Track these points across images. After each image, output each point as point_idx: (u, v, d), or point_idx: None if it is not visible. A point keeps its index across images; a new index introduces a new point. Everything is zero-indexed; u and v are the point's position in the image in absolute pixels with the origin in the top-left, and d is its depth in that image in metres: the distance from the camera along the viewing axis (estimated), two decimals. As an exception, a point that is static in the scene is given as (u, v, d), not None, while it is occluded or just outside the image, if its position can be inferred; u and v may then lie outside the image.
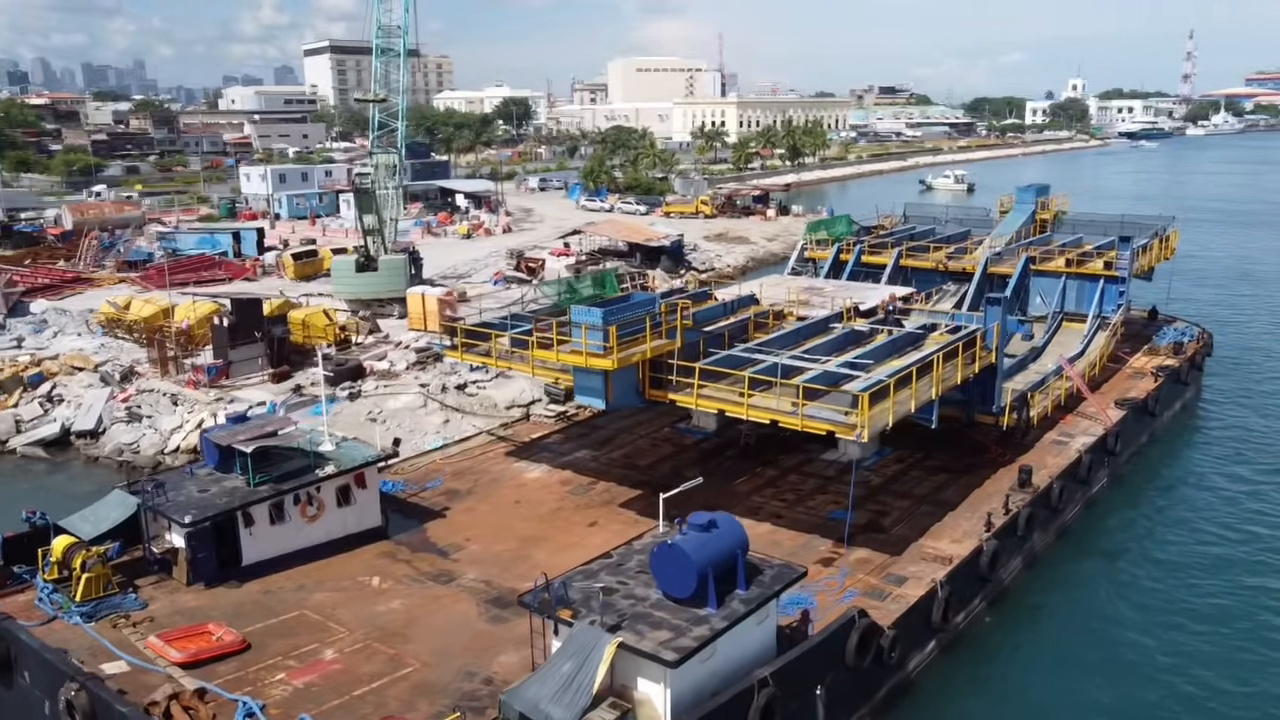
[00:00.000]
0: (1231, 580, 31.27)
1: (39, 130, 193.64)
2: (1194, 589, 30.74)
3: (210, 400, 42.09)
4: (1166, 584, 31.04)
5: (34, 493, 36.62)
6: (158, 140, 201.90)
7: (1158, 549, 33.55)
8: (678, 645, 18.66)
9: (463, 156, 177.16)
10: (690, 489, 23.25)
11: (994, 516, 29.40)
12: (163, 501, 25.70)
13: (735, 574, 20.41)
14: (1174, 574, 31.67)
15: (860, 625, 22.36)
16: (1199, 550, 33.31)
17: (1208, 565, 32.23)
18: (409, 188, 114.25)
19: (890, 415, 26.18)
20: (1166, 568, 32.12)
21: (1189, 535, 34.46)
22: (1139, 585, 31.00)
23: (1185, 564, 32.37)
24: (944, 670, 26.30)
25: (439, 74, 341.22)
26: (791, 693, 20.46)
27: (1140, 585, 30.99)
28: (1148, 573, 31.78)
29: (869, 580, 26.43)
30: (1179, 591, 30.57)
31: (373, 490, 29.05)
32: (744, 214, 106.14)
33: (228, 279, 67.08)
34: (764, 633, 21.15)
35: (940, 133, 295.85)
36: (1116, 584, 31.16)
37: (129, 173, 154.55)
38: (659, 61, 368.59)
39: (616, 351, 26.15)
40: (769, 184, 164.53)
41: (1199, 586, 30.89)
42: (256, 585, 25.85)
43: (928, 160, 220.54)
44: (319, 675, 21.68)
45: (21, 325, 53.07)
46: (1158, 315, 53.49)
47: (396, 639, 23.42)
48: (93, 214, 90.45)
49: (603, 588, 20.52)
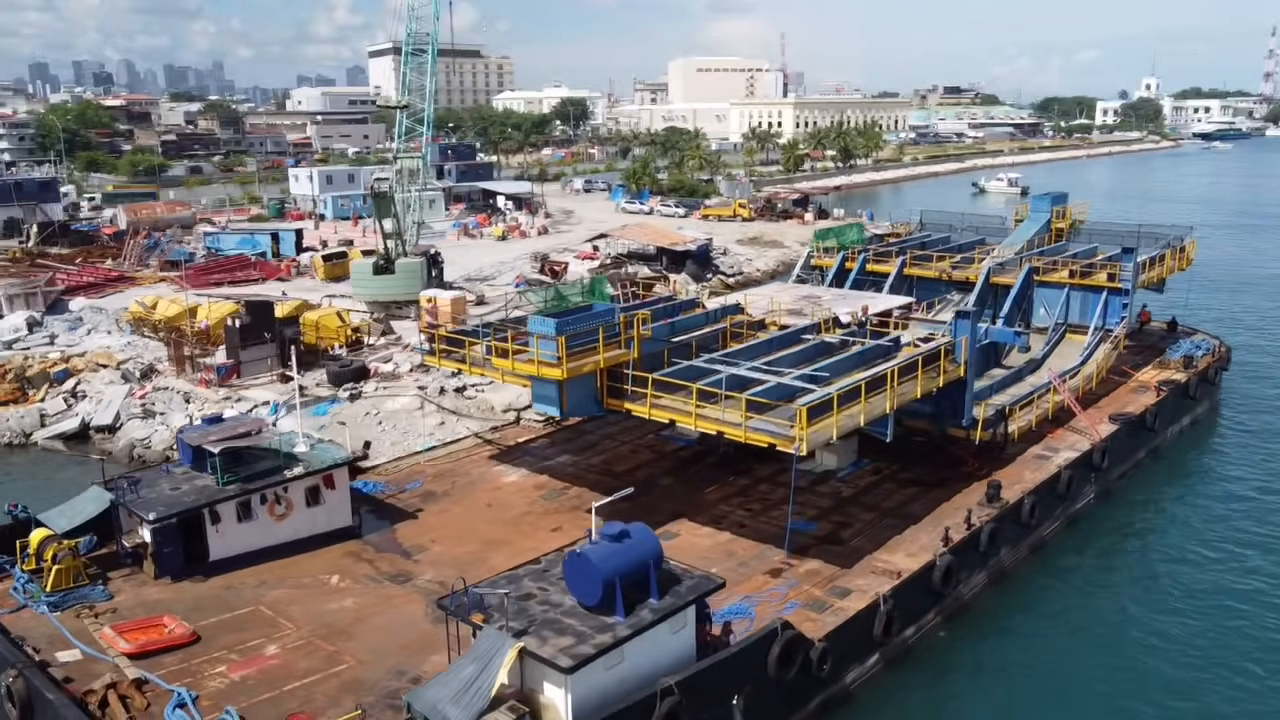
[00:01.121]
0: (1212, 609, 30.21)
1: (112, 131, 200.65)
2: (1171, 616, 29.84)
3: (219, 399, 43.71)
4: (1142, 608, 30.33)
5: (45, 486, 38.42)
6: (224, 140, 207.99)
7: (1139, 571, 32.92)
8: (576, 652, 19.20)
9: (514, 157, 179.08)
10: (666, 497, 23.63)
11: (953, 531, 29.34)
12: (134, 498, 26.98)
13: (647, 584, 20.85)
14: (1152, 598, 30.98)
15: (784, 637, 22.61)
16: (1184, 575, 32.41)
17: (1191, 592, 31.25)
18: (453, 189, 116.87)
19: (835, 430, 26.34)
20: (1145, 591, 31.43)
21: (1175, 558, 33.67)
22: (1112, 608, 30.43)
23: (1166, 589, 31.51)
24: (887, 684, 26.35)
25: (500, 74, 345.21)
26: (701, 701, 20.83)
27: (1113, 608, 30.41)
28: (1124, 595, 31.17)
29: (813, 592, 26.62)
30: (1154, 617, 29.76)
31: (342, 491, 30.02)
32: (782, 217, 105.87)
33: (261, 279, 69.15)
34: (680, 642, 21.55)
35: (1003, 134, 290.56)
36: (1088, 605, 30.62)
37: (192, 173, 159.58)
38: (719, 61, 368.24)
39: (567, 361, 26.74)
40: (819, 186, 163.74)
41: (1177, 614, 29.98)
42: (220, 581, 26.98)
43: (986, 162, 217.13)
44: (257, 669, 22.65)
45: (58, 322, 55.50)
46: (1178, 327, 52.41)
47: (340, 636, 24.32)
48: (145, 214, 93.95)
49: (519, 594, 21.20)
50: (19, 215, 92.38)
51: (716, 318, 36.23)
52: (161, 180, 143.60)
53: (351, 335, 50.09)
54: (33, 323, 54.40)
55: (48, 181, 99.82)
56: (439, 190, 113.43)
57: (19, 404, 46.20)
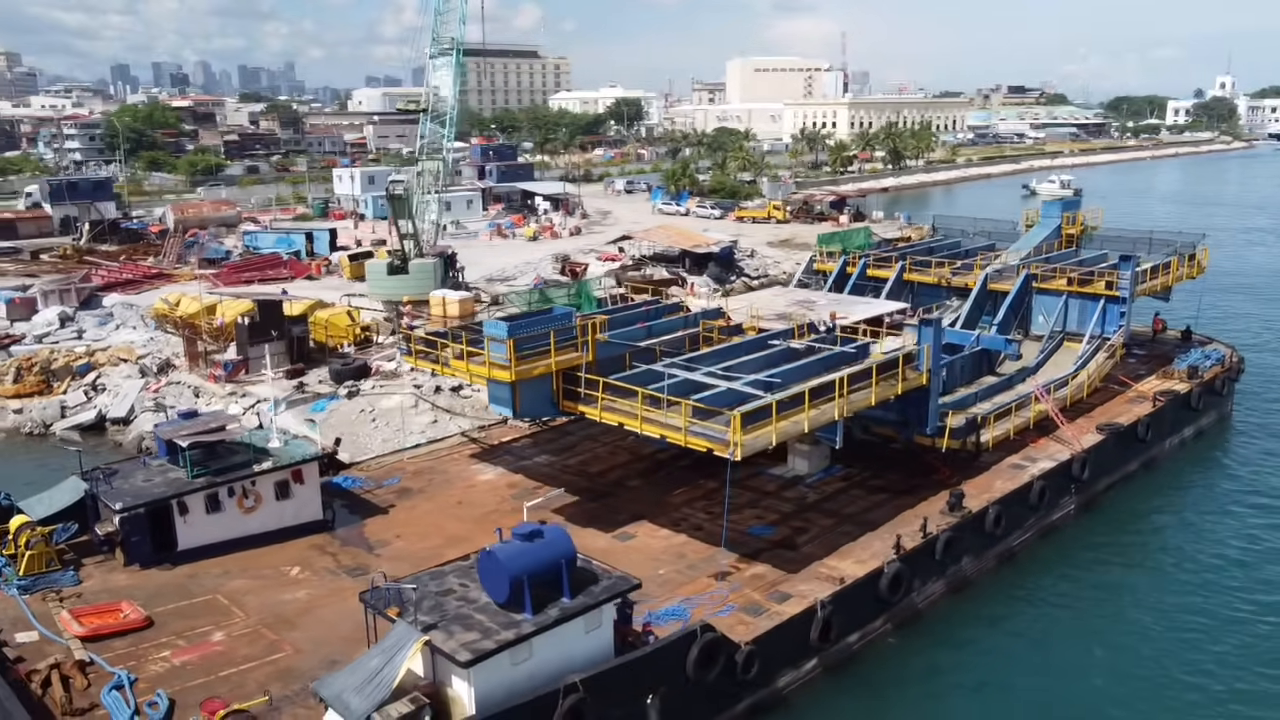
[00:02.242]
0: (1184, 631, 29.45)
1: (178, 131, 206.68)
2: (1138, 637, 29.21)
3: (225, 394, 45.29)
4: (1109, 625, 29.83)
5: (58, 474, 40.19)
6: (283, 141, 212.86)
7: (1111, 586, 32.31)
8: (478, 646, 19.83)
9: (561, 158, 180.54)
10: (632, 498, 24.18)
11: (906, 539, 29.35)
12: (106, 488, 28.31)
13: (559, 582, 21.39)
14: (1121, 615, 30.45)
15: (704, 639, 22.98)
16: (1158, 594, 31.74)
17: (1163, 612, 30.53)
18: (492, 189, 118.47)
19: (774, 436, 26.58)
20: (1114, 608, 30.89)
21: (1152, 576, 33.06)
22: (1077, 623, 30.03)
23: (1136, 608, 30.91)
24: (827, 689, 26.54)
25: (557, 74, 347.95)
26: (611, 699, 21.32)
27: (1078, 624, 30.00)
28: (1092, 611, 30.68)
29: (753, 596, 26.89)
30: (1120, 636, 29.20)
31: (312, 485, 31.04)
32: (818, 219, 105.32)
33: (290, 277, 71.08)
34: (596, 641, 22.05)
35: (1066, 134, 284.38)
36: (1052, 620, 30.25)
37: (249, 172, 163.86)
38: (776, 61, 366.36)
39: (516, 364, 27.39)
40: (866, 187, 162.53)
41: (1145, 635, 29.33)
42: (186, 569, 28.15)
43: (1044, 164, 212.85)
44: (199, 655, 23.69)
45: (89, 318, 57.84)
46: (1192, 336, 51.32)
47: (285, 626, 25.27)
48: (192, 213, 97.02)
49: (441, 590, 21.92)
50: (74, 213, 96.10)
51: (694, 322, 36.56)
52: (219, 179, 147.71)
53: (360, 334, 51.39)
54: (65, 317, 56.80)
55: (102, 181, 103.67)
56: (477, 190, 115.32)
57: (43, 395, 48.35)
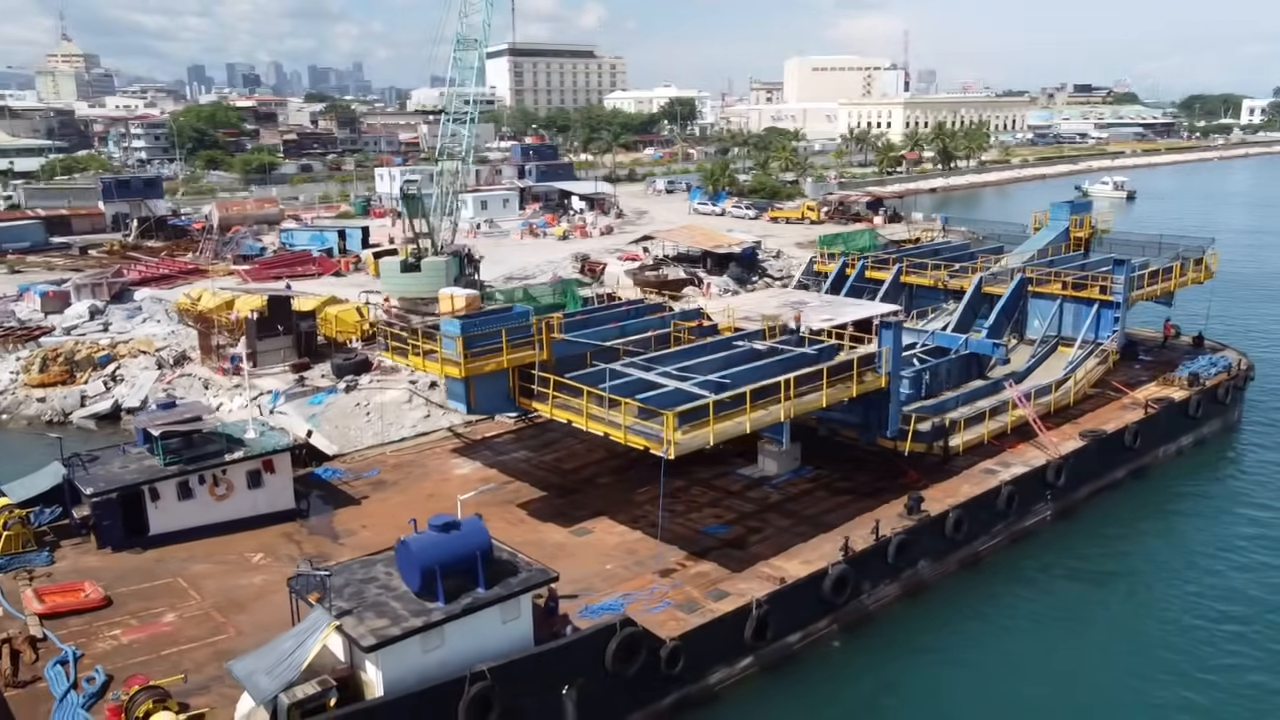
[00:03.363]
0: (1151, 648, 28.78)
1: (239, 130, 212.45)
2: (1098, 649, 28.61)
3: (230, 386, 46.87)
4: (1069, 636, 29.41)
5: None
6: (340, 140, 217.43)
7: (1078, 596, 31.81)
8: (385, 632, 20.57)
9: (608, 157, 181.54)
10: (598, 495, 24.82)
11: (857, 541, 29.44)
12: (82, 474, 29.70)
13: (474, 573, 22.03)
14: (1083, 626, 29.96)
15: (623, 633, 23.44)
16: (1129, 608, 31.13)
17: (1129, 626, 29.97)
18: (531, 189, 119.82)
19: (711, 436, 26.91)
20: (1078, 619, 30.38)
21: (1125, 587, 32.44)
22: (1036, 632, 29.80)
23: (1102, 620, 30.35)
24: (762, 688, 26.79)
25: (612, 74, 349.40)
26: (523, 689, 21.91)
27: (1037, 632, 29.77)
28: (1053, 621, 30.35)
29: (691, 593, 27.25)
30: (1078, 648, 28.66)
31: (283, 475, 32.14)
32: (853, 220, 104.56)
33: (318, 274, 72.95)
34: (515, 631, 22.66)
35: (1130, 134, 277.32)
36: (1011, 627, 30.03)
37: (302, 170, 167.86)
38: (835, 60, 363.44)
39: (465, 362, 28.12)
40: (912, 188, 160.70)
41: (1105, 647, 28.73)
42: (155, 553, 29.41)
43: (1104, 164, 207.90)
44: (147, 634, 24.85)
45: (119, 311, 60.12)
46: (1203, 342, 50.22)
47: (235, 609, 26.33)
48: (236, 210, 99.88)
49: (365, 578, 22.74)
50: (126, 210, 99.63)
51: (668, 323, 36.94)
52: (271, 178, 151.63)
53: (368, 330, 52.67)
54: (95, 311, 59.14)
55: (153, 179, 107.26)
56: (515, 190, 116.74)
57: (66, 385, 50.48)
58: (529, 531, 31.50)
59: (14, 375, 51.14)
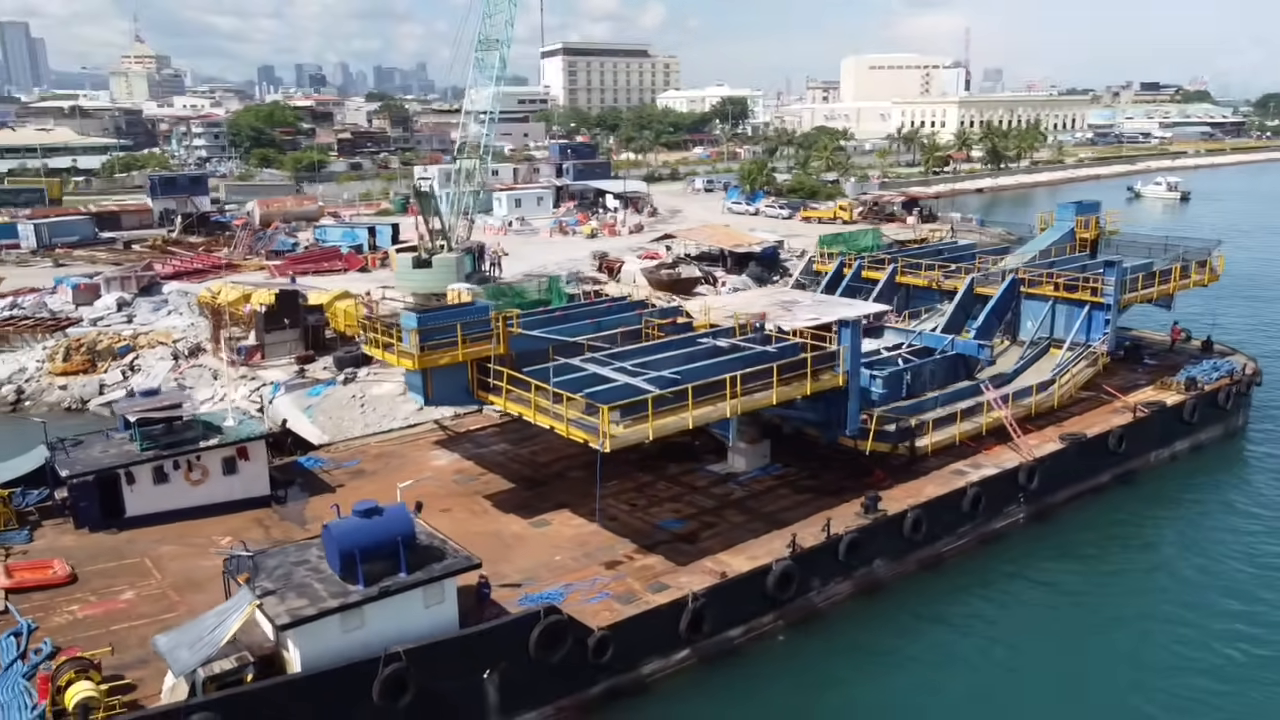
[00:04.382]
0: (1102, 652, 28.42)
1: (296, 129, 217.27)
2: (1052, 656, 28.44)
3: (237, 377, 48.41)
4: (1028, 641, 29.24)
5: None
6: (393, 139, 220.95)
7: (1041, 600, 31.60)
8: (300, 612, 21.38)
9: (650, 155, 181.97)
10: (564, 488, 25.54)
11: (805, 538, 29.59)
12: (63, 457, 31.11)
13: (397, 558, 22.74)
14: (1041, 633, 29.73)
15: (546, 621, 23.97)
16: (1092, 613, 30.66)
17: (1089, 632, 29.47)
18: (568, 187, 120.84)
19: (650, 431, 27.29)
20: (1038, 625, 30.18)
21: (1092, 592, 31.96)
22: (988, 635, 29.60)
23: (1063, 624, 30.01)
24: (699, 680, 27.09)
25: (666, 73, 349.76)
26: (442, 671, 22.58)
27: (989, 636, 29.55)
28: (1010, 625, 30.15)
29: (631, 585, 27.69)
30: (1035, 656, 28.50)
31: (258, 463, 33.22)
32: (887, 220, 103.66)
33: (344, 270, 74.68)
34: (439, 614, 23.34)
35: (1196, 134, 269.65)
36: (967, 630, 29.89)
37: (352, 169, 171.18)
38: (893, 59, 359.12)
39: (418, 354, 28.89)
40: (959, 189, 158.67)
41: (1059, 654, 28.49)
42: (129, 534, 30.66)
43: (1164, 164, 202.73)
44: (102, 610, 26.03)
45: (146, 304, 62.28)
46: (1213, 346, 49.15)
47: (191, 589, 27.38)
48: (276, 207, 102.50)
49: (297, 561, 23.60)
50: (172, 206, 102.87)
51: (640, 320, 37.37)
52: (320, 175, 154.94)
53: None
54: (122, 303, 61.36)
55: (198, 177, 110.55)
56: (549, 188, 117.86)
57: (87, 374, 52.55)
58: (490, 522, 32.22)
59: (40, 364, 53.37)
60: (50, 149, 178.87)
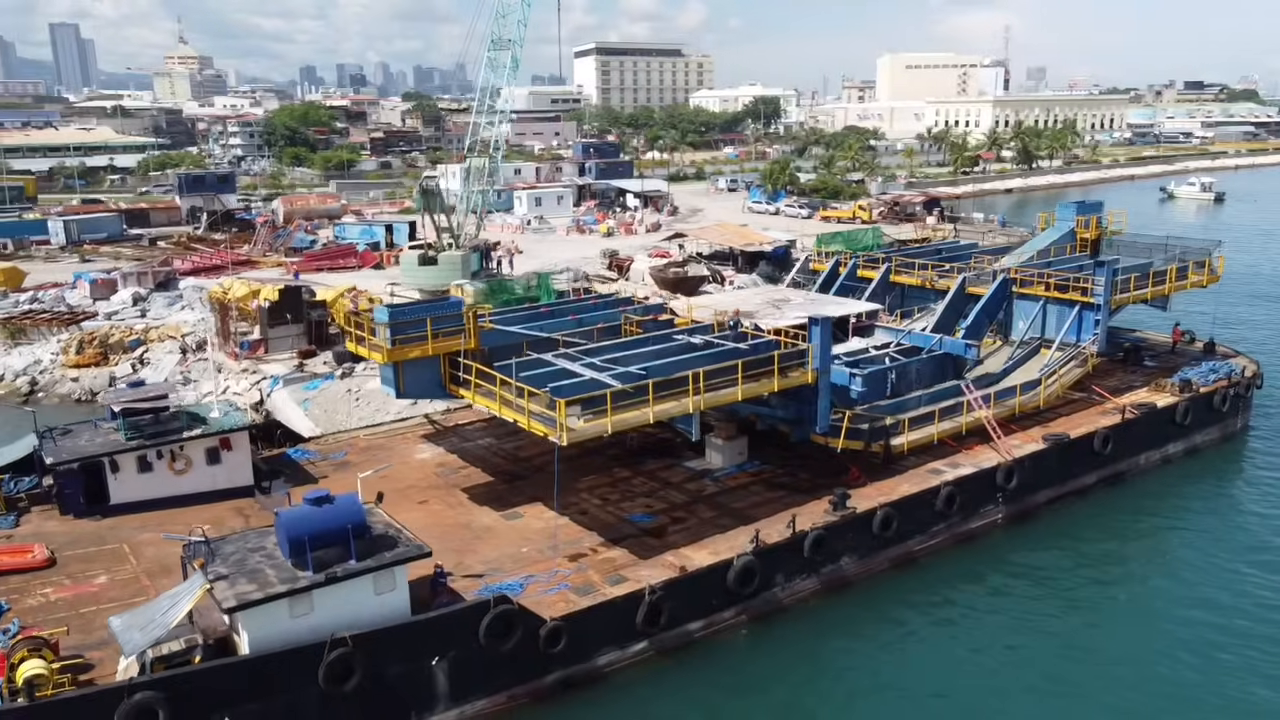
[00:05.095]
0: (1071, 658, 28.04)
1: (330, 129, 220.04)
2: (1017, 665, 28.05)
3: (239, 370, 49.39)
4: (991, 643, 29.07)
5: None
6: (425, 138, 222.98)
7: (1010, 602, 31.37)
8: (248, 596, 21.95)
9: (676, 155, 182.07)
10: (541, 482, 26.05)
11: (773, 535, 29.74)
12: (50, 446, 32.04)
13: (347, 546, 23.24)
14: (1009, 636, 29.43)
15: (496, 610, 24.37)
16: (1064, 618, 30.32)
17: (1058, 639, 29.15)
18: (590, 186, 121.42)
19: (609, 425, 27.60)
20: (1005, 625, 29.94)
21: (1066, 595, 31.63)
22: (956, 634, 29.59)
23: (1031, 629, 29.66)
24: (658, 672, 27.33)
25: (700, 73, 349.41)
26: (389, 657, 23.07)
27: (957, 634, 29.55)
28: (977, 623, 30.13)
29: (590, 577, 28.01)
30: (996, 662, 28.18)
31: (241, 453, 33.94)
32: (906, 220, 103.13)
33: (358, 266, 75.79)
34: (390, 601, 23.82)
35: (1239, 134, 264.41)
36: (932, 631, 29.79)
37: (382, 168, 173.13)
38: (930, 58, 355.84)
39: (390, 348, 29.43)
40: (987, 189, 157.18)
41: (1025, 662, 28.12)
42: (112, 521, 31.52)
43: (1202, 165, 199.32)
44: (74, 594, 26.83)
45: (161, 299, 63.65)
46: (1215, 349, 48.51)
47: (163, 574, 28.04)
48: (300, 205, 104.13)
49: (253, 547, 24.21)
50: (199, 204, 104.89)
51: (617, 316, 37.70)
52: (349, 174, 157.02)
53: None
54: (137, 298, 62.76)
55: (226, 175, 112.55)
56: (570, 187, 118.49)
57: (98, 366, 53.83)
58: (463, 514, 32.71)
59: (54, 356, 54.74)
60: (92, 148, 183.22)
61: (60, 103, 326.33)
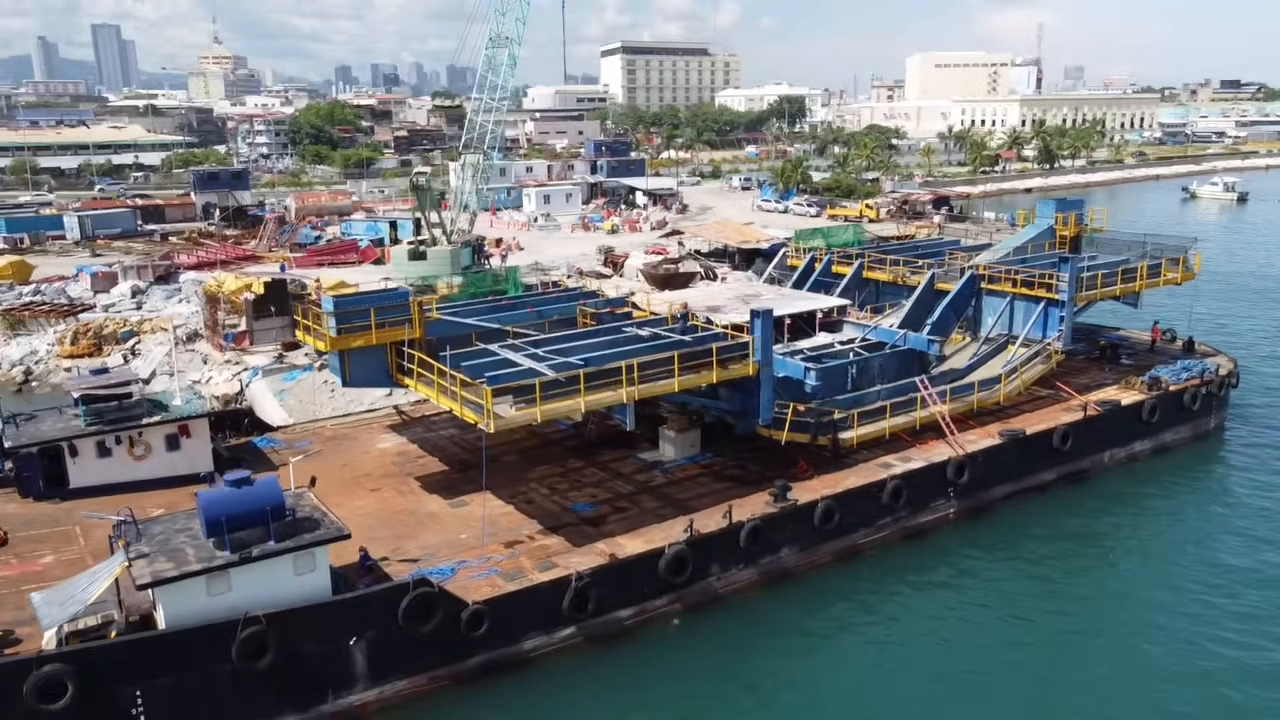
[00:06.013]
0: (1011, 659, 27.91)
1: (355, 127, 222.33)
2: (954, 663, 27.90)
3: (222, 361, 50.35)
4: (931, 643, 28.94)
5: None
6: (449, 136, 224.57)
7: (954, 596, 31.41)
8: (162, 574, 22.57)
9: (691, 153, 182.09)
10: (494, 471, 26.58)
11: (702, 525, 29.98)
12: (12, 430, 32.97)
13: (266, 527, 23.81)
14: (953, 634, 29.32)
15: (416, 592, 24.84)
16: (1004, 614, 30.22)
17: (995, 633, 29.20)
18: (602, 184, 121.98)
19: (539, 414, 28.00)
20: (944, 624, 29.83)
21: (1016, 591, 31.58)
22: (889, 631, 29.60)
23: (979, 627, 29.57)
24: (587, 657, 27.65)
25: (726, 72, 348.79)
26: (305, 635, 23.62)
27: (890, 632, 29.55)
28: (917, 616, 30.25)
29: (521, 563, 28.43)
30: (932, 656, 28.22)
31: (200, 440, 34.73)
32: (915, 219, 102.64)
33: (358, 261, 76.76)
34: (311, 582, 24.36)
35: (1273, 133, 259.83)
36: (869, 624, 29.85)
37: (403, 165, 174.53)
38: (960, 56, 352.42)
39: (329, 337, 30.03)
40: (1006, 188, 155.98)
41: (964, 653, 28.17)
42: (70, 504, 32.37)
43: (1233, 164, 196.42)
44: (18, 572, 27.67)
45: (159, 292, 64.93)
46: (1195, 347, 48.07)
47: (107, 555, 28.86)
48: (311, 202, 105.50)
49: (181, 528, 24.85)
50: (214, 200, 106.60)
51: (573, 309, 38.12)
52: (368, 172, 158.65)
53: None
54: (136, 290, 64.06)
55: (239, 172, 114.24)
56: (579, 185, 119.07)
57: (92, 357, 55.03)
58: (411, 501, 33.26)
59: (50, 346, 56.10)
60: (121, 146, 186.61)
61: (97, 102, 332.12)
